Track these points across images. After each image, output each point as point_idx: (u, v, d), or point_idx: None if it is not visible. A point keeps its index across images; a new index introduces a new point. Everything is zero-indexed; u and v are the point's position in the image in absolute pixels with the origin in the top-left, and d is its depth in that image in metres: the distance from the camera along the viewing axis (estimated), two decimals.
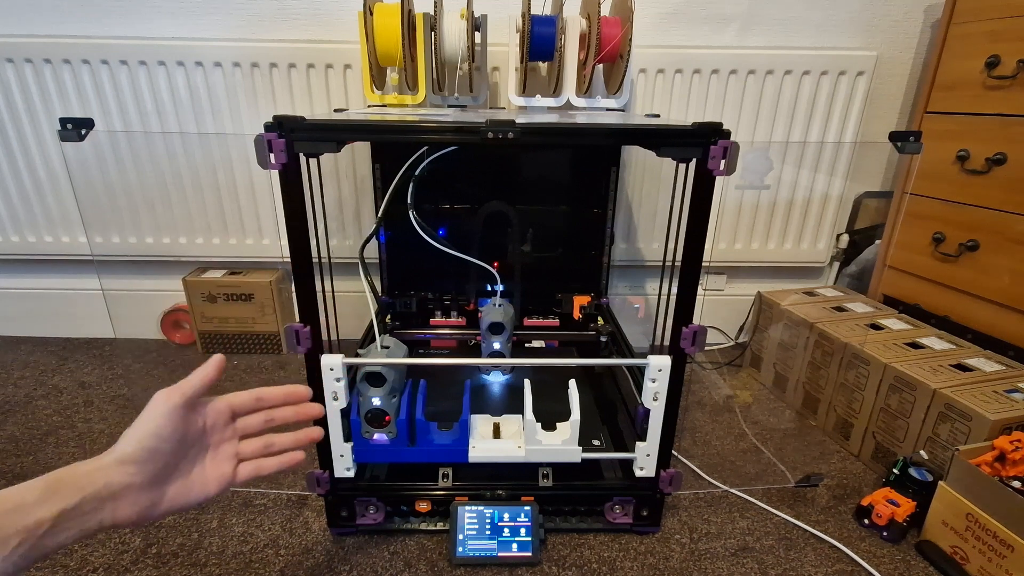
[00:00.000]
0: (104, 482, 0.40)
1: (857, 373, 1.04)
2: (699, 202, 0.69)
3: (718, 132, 0.66)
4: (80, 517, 0.38)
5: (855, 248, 1.42)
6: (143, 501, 0.42)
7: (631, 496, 0.84)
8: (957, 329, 1.10)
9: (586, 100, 1.07)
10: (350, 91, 1.22)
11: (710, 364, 1.40)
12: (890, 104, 1.34)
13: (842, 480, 0.99)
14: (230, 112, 1.24)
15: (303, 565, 0.79)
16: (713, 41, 1.27)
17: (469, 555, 0.79)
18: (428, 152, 0.96)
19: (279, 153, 0.65)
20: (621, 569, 0.80)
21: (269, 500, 0.91)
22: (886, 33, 1.28)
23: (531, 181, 1.18)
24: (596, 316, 1.21)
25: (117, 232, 1.32)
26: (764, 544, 0.85)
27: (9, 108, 1.22)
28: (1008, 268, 1.03)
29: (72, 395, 1.20)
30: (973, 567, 0.77)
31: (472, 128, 0.67)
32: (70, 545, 0.41)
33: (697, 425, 1.14)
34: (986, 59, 1.04)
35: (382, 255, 1.20)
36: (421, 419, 0.78)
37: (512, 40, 1.07)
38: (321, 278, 0.75)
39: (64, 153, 1.25)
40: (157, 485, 0.44)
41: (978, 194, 1.08)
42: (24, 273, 1.42)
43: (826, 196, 1.34)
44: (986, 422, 0.82)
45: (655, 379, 0.76)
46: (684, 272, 0.72)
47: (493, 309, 0.96)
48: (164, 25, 1.22)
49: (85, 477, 0.39)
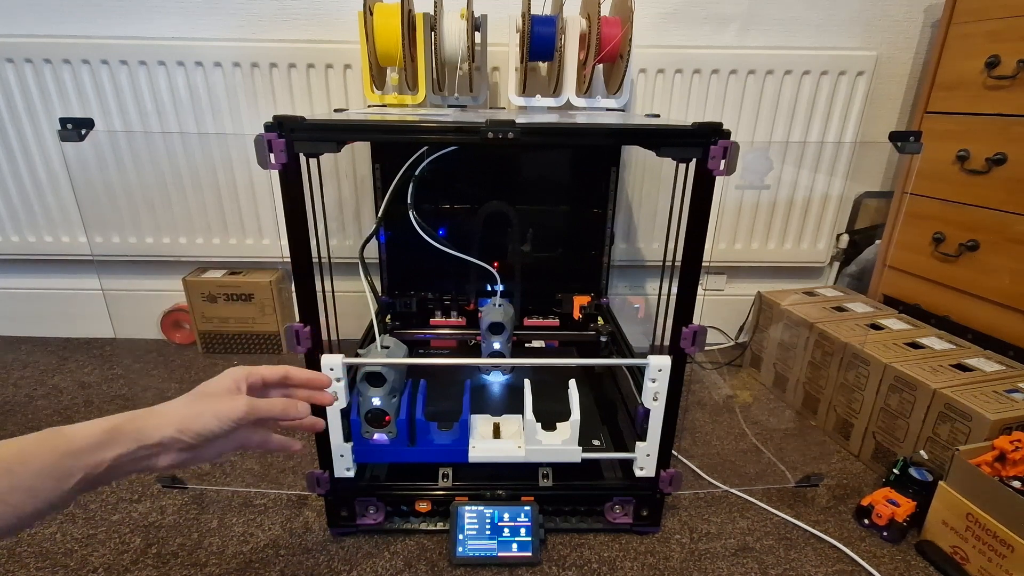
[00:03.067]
0: (160, 438, 0.44)
1: (857, 373, 1.04)
2: (699, 202, 0.69)
3: (718, 132, 0.66)
4: (132, 462, 0.43)
5: (855, 248, 1.42)
6: (185, 456, 0.47)
7: (631, 496, 0.84)
8: (957, 329, 1.10)
9: (586, 100, 1.07)
10: (350, 91, 1.22)
11: (710, 364, 1.40)
12: (890, 104, 1.34)
13: (842, 480, 0.99)
14: (230, 112, 1.24)
15: (303, 565, 0.79)
16: (713, 41, 1.27)
17: (469, 555, 0.79)
18: (428, 152, 0.96)
19: (279, 153, 0.65)
20: (621, 569, 0.80)
21: (269, 500, 0.91)
22: (886, 33, 1.28)
23: (531, 181, 1.18)
24: (596, 316, 1.21)
25: (117, 232, 1.32)
26: (764, 544, 0.85)
27: (9, 108, 1.22)
28: (1008, 268, 1.03)
29: (72, 395, 1.20)
30: (973, 567, 0.77)
31: (472, 128, 0.67)
32: (116, 480, 0.48)
33: (697, 425, 1.14)
34: (986, 59, 1.04)
35: (382, 255, 1.20)
36: (421, 419, 0.78)
37: (512, 40, 1.07)
38: (321, 278, 0.75)
39: (64, 153, 1.25)
40: (201, 448, 0.48)
41: (978, 194, 1.08)
42: (24, 273, 1.42)
43: (826, 196, 1.34)
44: (986, 422, 0.82)
45: (655, 379, 0.76)
46: (684, 272, 0.72)
47: (493, 309, 0.96)
48: (164, 25, 1.22)
49: (144, 431, 0.44)
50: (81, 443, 0.41)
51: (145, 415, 0.45)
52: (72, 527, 0.85)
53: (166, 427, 0.45)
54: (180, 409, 0.47)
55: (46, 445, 0.40)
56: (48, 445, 0.40)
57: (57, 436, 0.41)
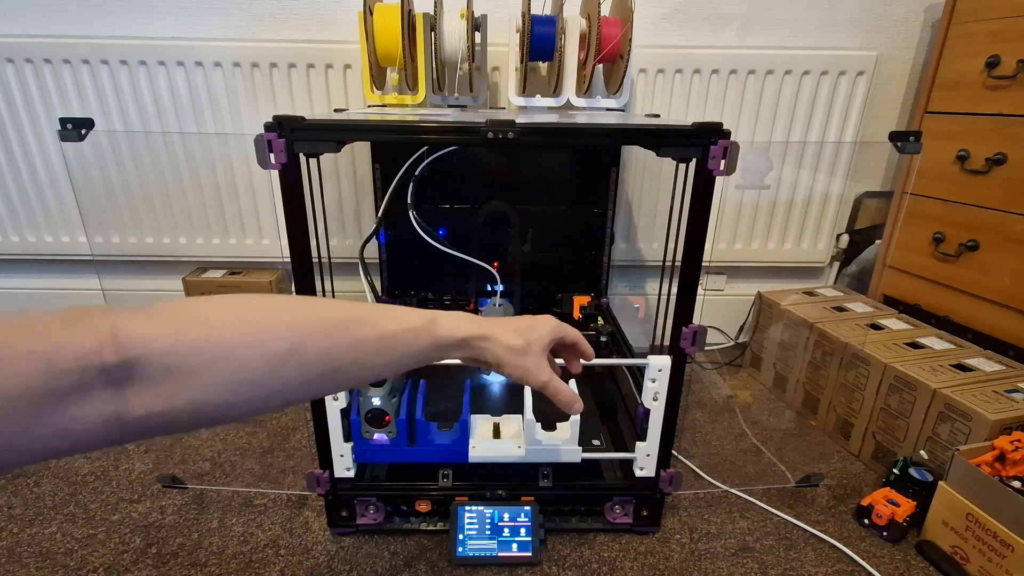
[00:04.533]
0: (488, 359, 0.51)
1: (857, 373, 1.04)
2: (699, 202, 0.69)
3: (718, 132, 0.66)
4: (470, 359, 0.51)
5: (855, 248, 1.42)
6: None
7: (631, 496, 0.84)
8: (957, 329, 1.10)
9: (586, 100, 1.07)
10: (350, 91, 1.22)
11: (710, 364, 1.40)
12: (890, 104, 1.34)
13: (842, 480, 0.99)
14: (230, 112, 1.24)
15: (303, 565, 0.79)
16: (713, 41, 1.27)
17: (469, 555, 0.79)
18: (428, 152, 0.96)
19: (279, 153, 0.65)
20: (621, 569, 0.80)
21: (269, 500, 0.91)
22: (886, 33, 1.28)
23: (531, 181, 1.18)
24: (596, 316, 1.21)
25: (117, 232, 1.32)
26: (764, 544, 0.85)
27: (9, 108, 1.22)
28: (1008, 268, 1.03)
29: None
30: (973, 567, 0.77)
31: (472, 128, 0.67)
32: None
33: (697, 425, 1.14)
34: (986, 59, 1.04)
35: (382, 255, 1.20)
36: (421, 419, 0.78)
37: (512, 40, 1.07)
38: (321, 278, 0.75)
39: (64, 153, 1.25)
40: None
41: (978, 194, 1.08)
42: (24, 273, 1.42)
43: (826, 196, 1.34)
44: (986, 422, 0.82)
45: (655, 379, 0.76)
46: (684, 272, 0.72)
47: (493, 309, 0.96)
48: (164, 25, 1.22)
49: (483, 352, 0.50)
50: (448, 341, 0.46)
51: (490, 332, 0.49)
52: (72, 527, 0.85)
53: (499, 355, 0.50)
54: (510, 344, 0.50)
55: (426, 336, 0.45)
56: (428, 336, 0.45)
57: (435, 327, 0.45)
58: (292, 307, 0.38)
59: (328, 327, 0.39)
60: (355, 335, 0.40)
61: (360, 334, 0.40)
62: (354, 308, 0.42)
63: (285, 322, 0.37)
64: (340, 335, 0.39)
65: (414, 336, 0.44)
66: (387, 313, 0.43)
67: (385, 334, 0.42)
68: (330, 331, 0.39)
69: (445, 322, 0.46)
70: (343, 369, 0.39)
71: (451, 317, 0.47)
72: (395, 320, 0.43)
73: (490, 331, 0.49)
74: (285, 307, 0.38)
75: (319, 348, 0.38)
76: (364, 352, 0.40)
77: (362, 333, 0.40)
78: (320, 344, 0.38)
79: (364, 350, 0.40)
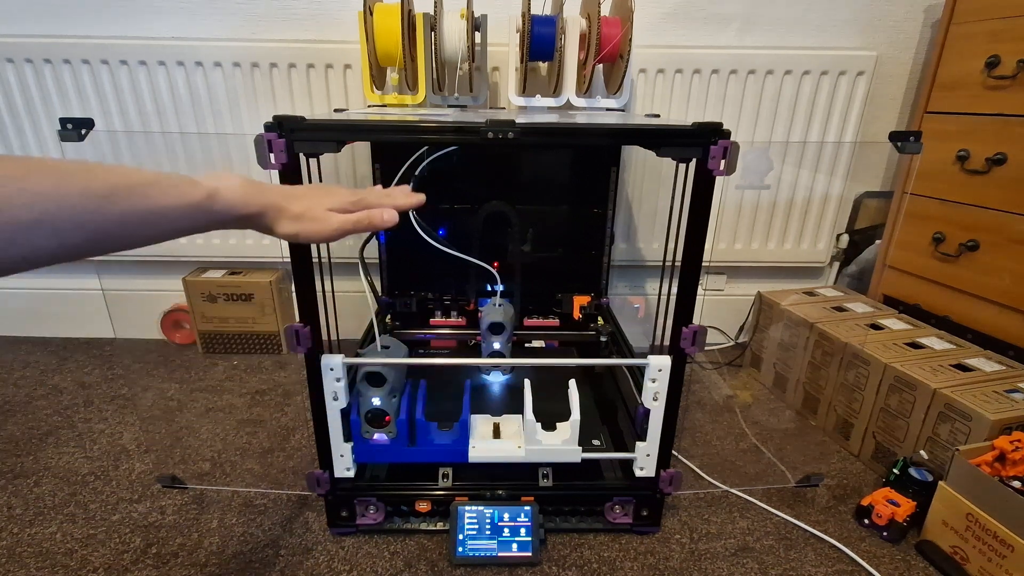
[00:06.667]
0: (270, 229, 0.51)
1: (857, 373, 1.04)
2: (699, 202, 0.69)
3: (718, 132, 0.66)
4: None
5: (855, 248, 1.42)
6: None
7: (631, 496, 0.84)
8: (957, 329, 1.10)
9: (586, 100, 1.07)
10: (350, 91, 1.22)
11: (710, 364, 1.40)
12: (890, 104, 1.34)
13: (842, 480, 0.99)
14: (230, 112, 1.24)
15: (303, 565, 0.79)
16: (713, 41, 1.27)
17: (469, 555, 0.79)
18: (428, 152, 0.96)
19: (279, 153, 0.65)
20: (621, 569, 0.80)
21: (269, 500, 0.91)
22: (886, 33, 1.28)
23: (531, 181, 1.18)
24: (596, 316, 1.21)
25: None
26: (764, 544, 0.85)
27: (9, 108, 1.22)
28: (1008, 268, 1.03)
29: (72, 395, 1.20)
30: (973, 567, 0.77)
31: (472, 128, 0.67)
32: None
33: (697, 425, 1.14)
34: (986, 59, 1.04)
35: (382, 255, 1.20)
36: (421, 419, 0.78)
37: (512, 40, 1.07)
38: (321, 278, 0.75)
39: (64, 153, 1.24)
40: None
41: (978, 194, 1.08)
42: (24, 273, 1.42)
43: (826, 196, 1.34)
44: (986, 422, 0.82)
45: (655, 379, 0.76)
46: (684, 272, 0.72)
47: (493, 309, 0.96)
48: (164, 25, 1.22)
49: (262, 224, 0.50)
50: (225, 217, 0.47)
51: (268, 208, 0.50)
52: (72, 527, 0.85)
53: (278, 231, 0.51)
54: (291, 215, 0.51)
55: (202, 214, 0.45)
56: (203, 213, 0.45)
57: (212, 203, 0.45)
58: (49, 174, 0.37)
59: (89, 198, 0.38)
60: (122, 207, 0.40)
61: (127, 206, 0.40)
62: (124, 177, 0.40)
63: (36, 191, 0.35)
64: (106, 208, 0.39)
65: (189, 212, 0.44)
66: (162, 186, 0.42)
67: (156, 208, 0.41)
68: (92, 203, 0.38)
69: (225, 196, 0.46)
70: (111, 238, 0.40)
71: (231, 190, 0.47)
72: (168, 194, 0.42)
73: (268, 207, 0.50)
74: (41, 173, 0.37)
75: (76, 220, 0.37)
76: (132, 225, 0.40)
77: (130, 205, 0.40)
78: (79, 217, 0.37)
79: (132, 222, 0.40)
